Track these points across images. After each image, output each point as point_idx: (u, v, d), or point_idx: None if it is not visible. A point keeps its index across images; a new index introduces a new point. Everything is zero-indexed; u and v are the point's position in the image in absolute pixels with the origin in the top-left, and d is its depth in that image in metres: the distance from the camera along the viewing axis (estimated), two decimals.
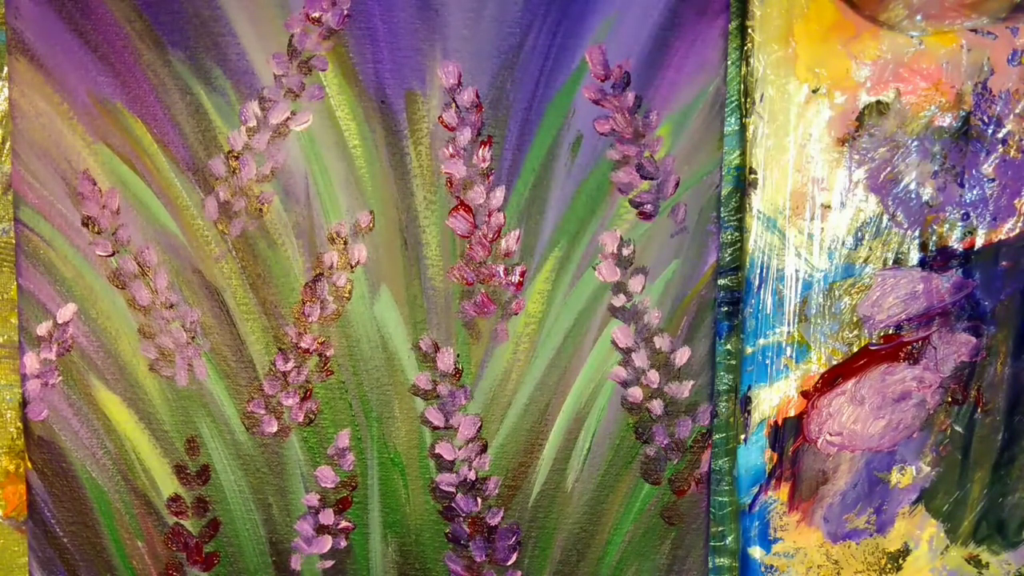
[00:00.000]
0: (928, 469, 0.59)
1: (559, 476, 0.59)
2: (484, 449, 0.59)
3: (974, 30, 0.56)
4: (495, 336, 0.58)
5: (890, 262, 0.58)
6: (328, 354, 0.58)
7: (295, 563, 0.59)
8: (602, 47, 0.56)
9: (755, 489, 0.59)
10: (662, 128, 0.57)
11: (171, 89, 0.56)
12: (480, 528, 0.59)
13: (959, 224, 0.58)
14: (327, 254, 0.57)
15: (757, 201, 0.57)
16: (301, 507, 0.59)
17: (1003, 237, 0.58)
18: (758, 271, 0.58)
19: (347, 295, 0.57)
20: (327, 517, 0.59)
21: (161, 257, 0.57)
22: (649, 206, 0.58)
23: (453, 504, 0.59)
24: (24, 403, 0.58)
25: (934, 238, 0.58)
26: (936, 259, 0.58)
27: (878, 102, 0.57)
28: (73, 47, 0.56)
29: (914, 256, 0.58)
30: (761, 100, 0.56)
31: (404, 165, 0.57)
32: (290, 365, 0.58)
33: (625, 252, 0.58)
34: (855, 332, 0.58)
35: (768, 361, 0.58)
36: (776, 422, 0.59)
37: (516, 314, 0.58)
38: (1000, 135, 0.57)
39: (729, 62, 0.57)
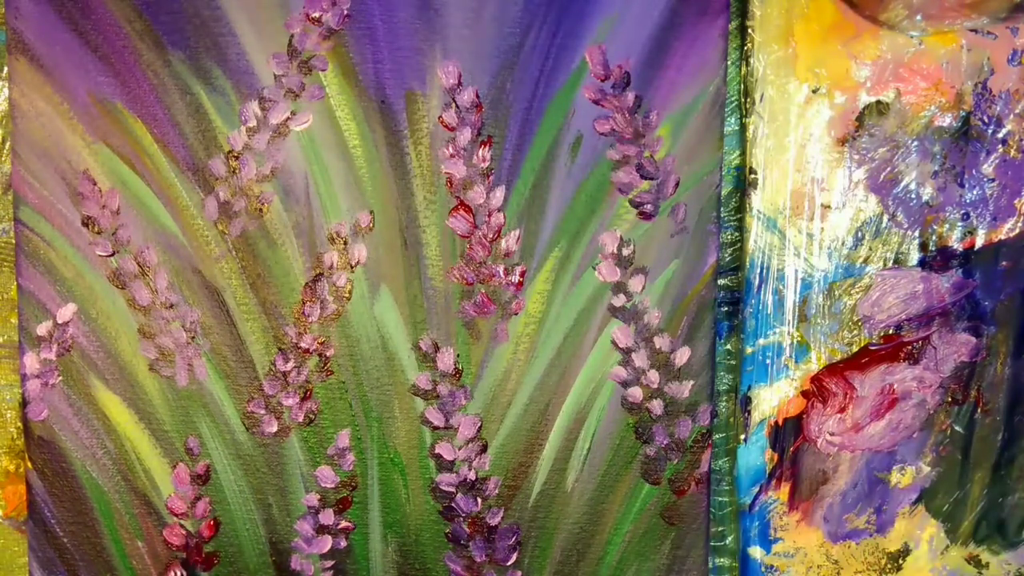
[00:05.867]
0: (928, 469, 0.59)
1: (559, 476, 0.59)
2: (484, 449, 0.59)
3: (974, 30, 0.56)
4: (495, 336, 0.58)
5: (890, 262, 0.58)
6: (328, 354, 0.58)
7: (295, 563, 0.59)
8: (602, 47, 0.56)
9: (755, 489, 0.59)
10: (662, 128, 0.57)
11: (171, 89, 0.56)
12: (480, 528, 0.59)
13: (959, 224, 0.58)
14: (327, 254, 0.57)
15: (757, 201, 0.57)
16: (301, 507, 0.59)
17: (1003, 237, 0.58)
18: (758, 271, 0.58)
19: (347, 295, 0.57)
20: (327, 517, 0.59)
21: (161, 257, 0.57)
22: (649, 206, 0.58)
23: (453, 504, 0.59)
24: (24, 403, 0.58)
25: (934, 238, 0.58)
26: (936, 259, 0.58)
27: (878, 102, 0.57)
28: (73, 47, 0.56)
29: (914, 256, 0.58)
30: (761, 100, 0.56)
31: (404, 165, 0.57)
32: (290, 365, 0.58)
33: (625, 252, 0.58)
34: (855, 332, 0.58)
35: (768, 361, 0.58)
36: (776, 422, 0.59)
37: (516, 314, 0.58)
38: (1000, 135, 0.57)
39: (729, 62, 0.57)
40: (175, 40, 0.56)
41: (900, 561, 0.60)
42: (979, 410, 0.59)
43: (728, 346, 0.59)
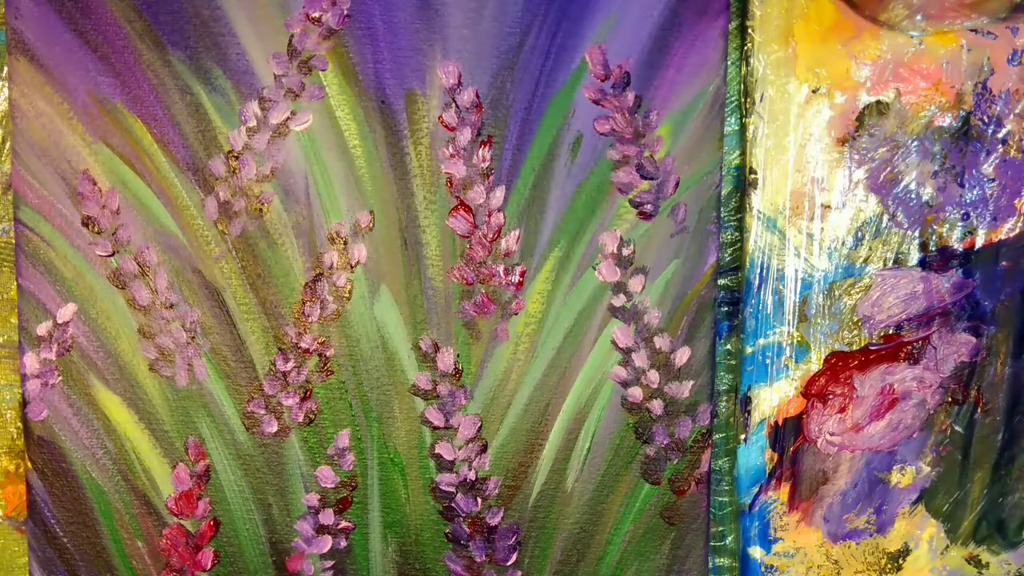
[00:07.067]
0: (928, 469, 0.59)
1: (559, 476, 0.59)
2: (484, 449, 0.59)
3: (974, 30, 0.56)
4: (495, 336, 0.58)
5: (890, 262, 0.58)
6: (328, 354, 0.58)
7: (295, 563, 0.59)
8: (602, 47, 0.56)
9: (755, 489, 0.59)
10: (662, 128, 0.57)
11: (171, 89, 0.56)
12: (480, 528, 0.59)
13: (959, 224, 0.58)
14: (327, 254, 0.57)
15: (757, 201, 0.57)
16: (301, 507, 0.59)
17: (1003, 237, 0.58)
18: (758, 271, 0.58)
19: (347, 295, 0.57)
20: (327, 517, 0.59)
21: (161, 257, 0.57)
22: (649, 206, 0.58)
23: (453, 504, 0.59)
24: (24, 403, 0.58)
25: (934, 238, 0.58)
26: (936, 259, 0.58)
27: (878, 102, 0.57)
28: (73, 47, 0.56)
29: (914, 256, 0.58)
30: (761, 100, 0.56)
31: (404, 165, 0.57)
32: (290, 365, 0.58)
33: (625, 252, 0.58)
34: (855, 332, 0.58)
35: (768, 361, 0.58)
36: (776, 422, 0.59)
37: (516, 314, 0.58)
38: (1000, 135, 0.57)
39: (729, 62, 0.57)
40: (175, 40, 0.56)
41: (900, 561, 0.60)
42: (979, 410, 0.59)
43: (728, 346, 0.59)
